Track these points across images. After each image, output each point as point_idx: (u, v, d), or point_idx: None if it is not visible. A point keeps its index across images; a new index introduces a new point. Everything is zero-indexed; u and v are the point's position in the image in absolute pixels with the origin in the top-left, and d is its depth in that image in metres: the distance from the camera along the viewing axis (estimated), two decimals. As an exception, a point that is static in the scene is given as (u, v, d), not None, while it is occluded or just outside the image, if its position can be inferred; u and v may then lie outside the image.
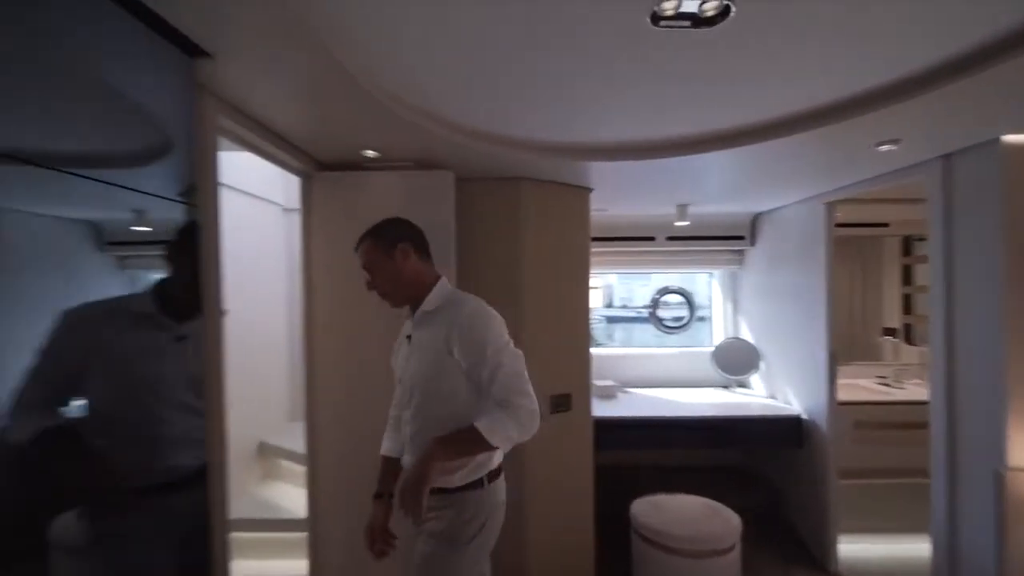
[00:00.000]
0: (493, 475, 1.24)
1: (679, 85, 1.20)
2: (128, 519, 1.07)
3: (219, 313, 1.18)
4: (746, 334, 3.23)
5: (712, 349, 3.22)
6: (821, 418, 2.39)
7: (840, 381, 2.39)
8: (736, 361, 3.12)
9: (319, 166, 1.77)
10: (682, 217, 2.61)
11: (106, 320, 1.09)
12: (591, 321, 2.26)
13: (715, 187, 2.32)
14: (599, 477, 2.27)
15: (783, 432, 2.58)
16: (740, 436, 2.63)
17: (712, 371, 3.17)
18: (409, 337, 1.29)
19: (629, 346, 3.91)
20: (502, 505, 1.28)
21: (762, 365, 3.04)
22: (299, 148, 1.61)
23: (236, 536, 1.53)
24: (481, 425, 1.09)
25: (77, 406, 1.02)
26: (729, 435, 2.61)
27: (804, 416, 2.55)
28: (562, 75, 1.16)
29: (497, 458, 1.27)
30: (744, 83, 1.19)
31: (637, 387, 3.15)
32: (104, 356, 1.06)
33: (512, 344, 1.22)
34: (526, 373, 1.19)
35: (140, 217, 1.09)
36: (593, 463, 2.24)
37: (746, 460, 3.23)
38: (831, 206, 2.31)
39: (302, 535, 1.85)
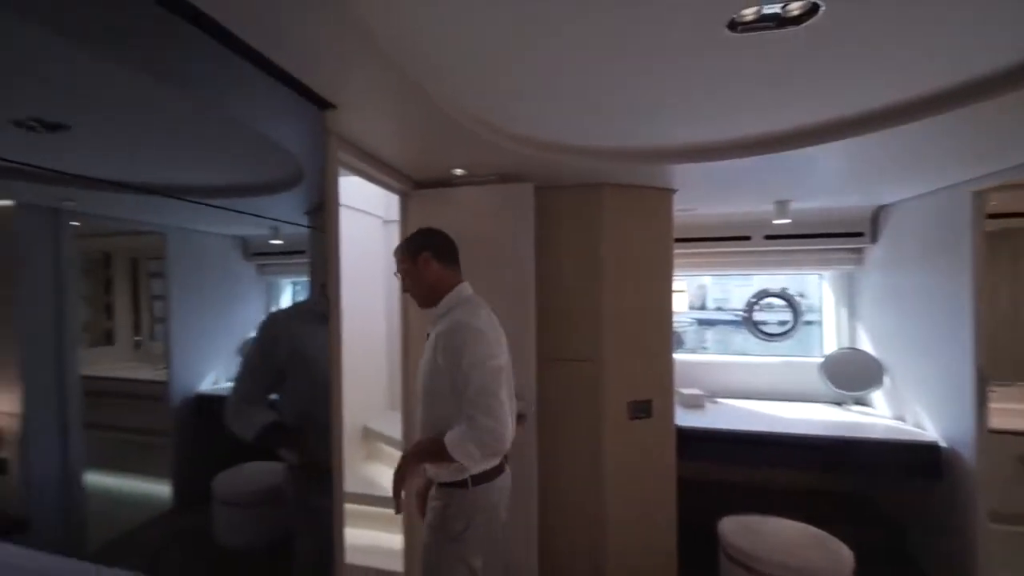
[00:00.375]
0: (479, 478, 1.27)
1: (773, 81, 1.13)
2: (318, 493, 1.28)
3: (340, 312, 1.38)
4: (865, 344, 2.82)
5: (821, 360, 2.87)
6: (966, 448, 2.00)
7: (996, 405, 1.98)
8: (852, 375, 2.74)
9: (415, 184, 1.98)
10: (782, 214, 2.38)
11: (301, 322, 1.33)
12: (674, 325, 2.17)
13: (823, 181, 2.08)
14: (683, 489, 2.17)
15: (913, 461, 2.20)
16: (855, 461, 2.31)
17: (821, 385, 2.82)
18: (428, 336, 1.38)
19: (726, 352, 3.63)
20: (495, 507, 1.31)
21: (886, 381, 2.63)
22: (398, 171, 1.82)
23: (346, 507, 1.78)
24: (447, 439, 1.16)
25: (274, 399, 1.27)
26: (841, 458, 2.31)
27: (943, 444, 2.16)
28: (644, 85, 1.17)
29: (485, 464, 1.28)
30: (853, 70, 1.07)
31: (729, 398, 2.93)
32: (302, 353, 1.29)
33: (492, 361, 1.21)
34: (500, 393, 1.18)
35: (276, 232, 1.35)
36: (676, 473, 2.16)
37: (860, 488, 2.82)
38: (980, 195, 1.93)
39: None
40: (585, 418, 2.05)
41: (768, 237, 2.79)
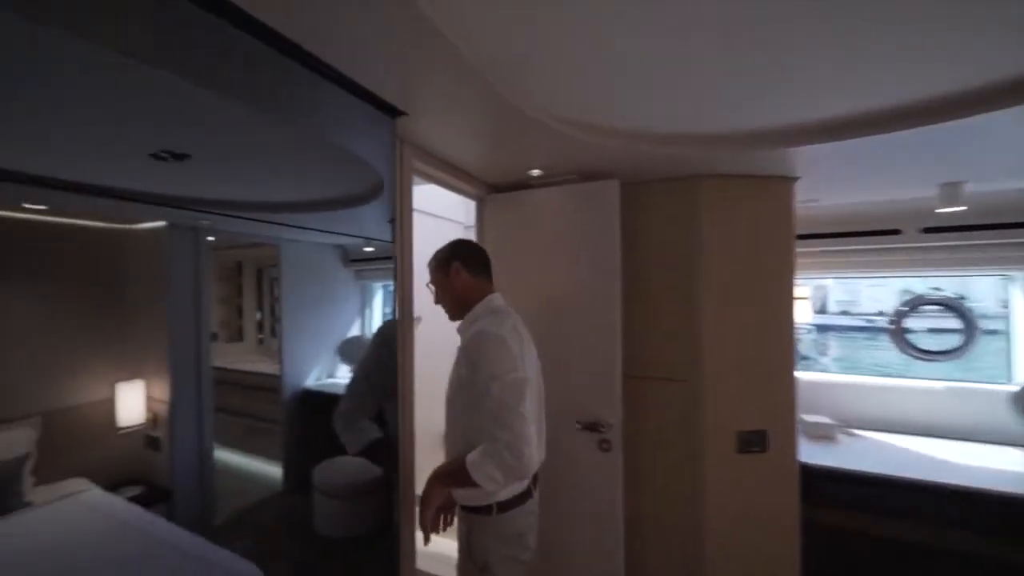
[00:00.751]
0: (505, 504, 1.19)
1: (943, 24, 0.82)
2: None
3: (411, 319, 1.37)
4: (1087, 371, 2.08)
5: (1016, 389, 2.18)
6: None
7: None
8: (1065, 411, 2.03)
9: (490, 189, 1.92)
10: (952, 200, 1.84)
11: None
12: (795, 339, 1.80)
13: (1016, 155, 1.55)
14: (809, 540, 1.79)
15: None
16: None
17: (1012, 421, 2.15)
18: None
19: (852, 365, 3.00)
20: (522, 536, 1.22)
21: None
22: (474, 176, 1.78)
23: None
24: (468, 460, 1.09)
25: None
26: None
27: None
28: (755, 52, 0.94)
29: (512, 488, 1.20)
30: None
31: (869, 429, 2.38)
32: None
33: (514, 373, 1.12)
34: (519, 406, 1.08)
35: (368, 240, 1.41)
36: (799, 521, 1.78)
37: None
38: None
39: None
40: (680, 448, 1.80)
41: (927, 230, 2.21)
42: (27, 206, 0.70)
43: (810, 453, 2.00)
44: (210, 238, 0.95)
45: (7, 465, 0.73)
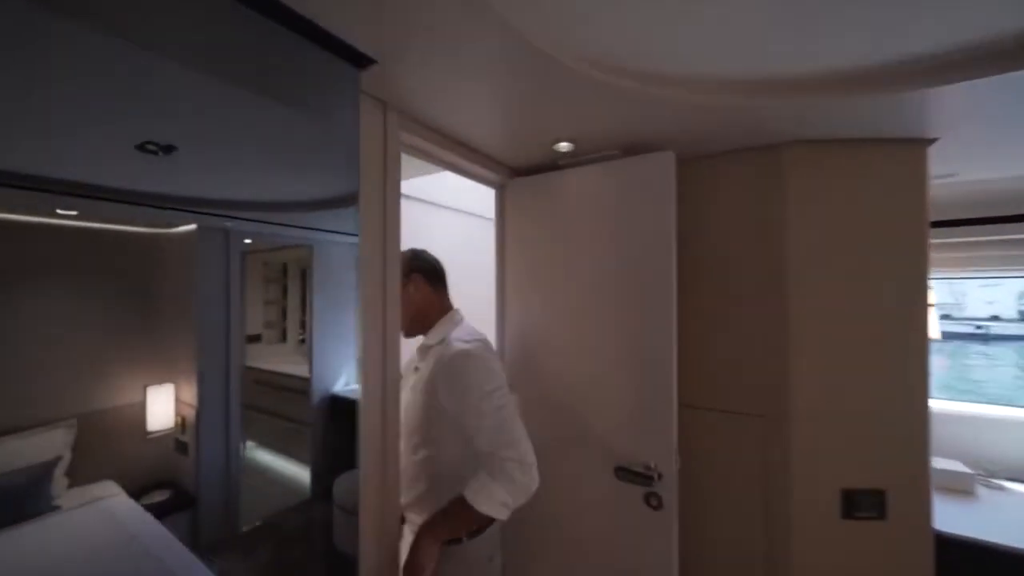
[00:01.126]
0: (475, 531, 1.14)
1: None
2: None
3: (396, 339, 1.20)
4: None
5: None
6: None
7: None
8: None
9: (512, 173, 1.61)
10: None
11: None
12: (929, 365, 1.30)
13: None
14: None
15: None
16: None
17: None
18: (417, 369, 1.23)
19: (964, 382, 2.37)
20: (491, 560, 1.18)
21: None
22: (491, 157, 1.48)
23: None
24: (468, 493, 1.04)
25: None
26: None
27: None
28: None
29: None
30: None
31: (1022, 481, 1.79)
32: None
33: (502, 390, 1.09)
34: (516, 421, 1.07)
35: None
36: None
37: None
38: None
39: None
40: (755, 506, 1.38)
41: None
42: (60, 212, 0.71)
43: (939, 513, 1.48)
44: (247, 241, 0.94)
45: (36, 469, 0.73)
